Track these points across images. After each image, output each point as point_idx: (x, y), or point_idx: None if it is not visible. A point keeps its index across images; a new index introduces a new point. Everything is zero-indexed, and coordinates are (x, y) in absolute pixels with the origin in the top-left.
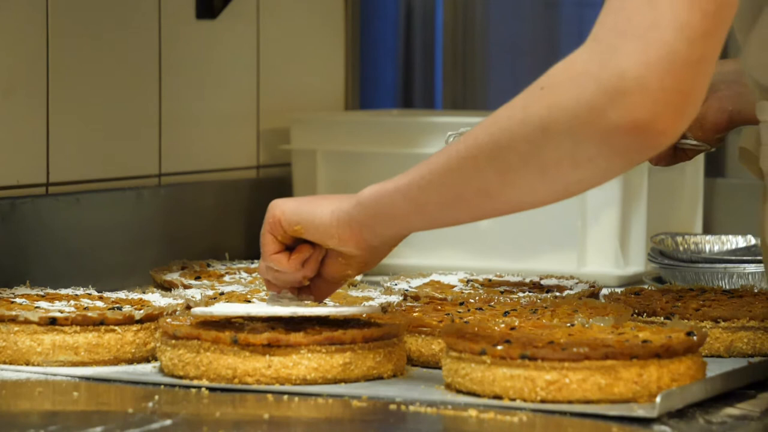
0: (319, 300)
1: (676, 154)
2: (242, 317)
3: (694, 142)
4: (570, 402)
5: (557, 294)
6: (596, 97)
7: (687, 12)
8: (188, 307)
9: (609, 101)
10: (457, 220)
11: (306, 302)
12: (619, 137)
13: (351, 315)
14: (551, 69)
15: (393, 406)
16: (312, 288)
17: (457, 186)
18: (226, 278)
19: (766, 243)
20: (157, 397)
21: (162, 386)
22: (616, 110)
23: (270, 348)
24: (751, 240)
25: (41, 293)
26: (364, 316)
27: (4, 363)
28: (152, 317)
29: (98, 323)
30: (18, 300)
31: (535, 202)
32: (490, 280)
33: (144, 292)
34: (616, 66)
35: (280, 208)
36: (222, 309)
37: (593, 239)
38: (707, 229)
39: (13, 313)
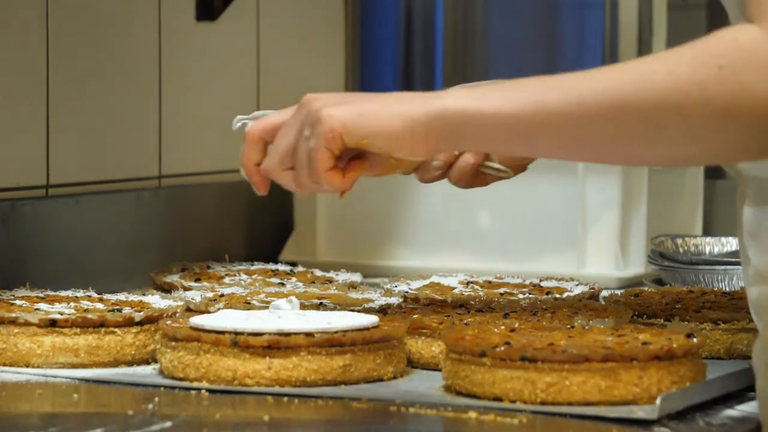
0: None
1: (476, 178)
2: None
3: (498, 167)
4: (570, 404)
5: (557, 296)
6: None
7: None
8: (188, 309)
9: None
10: (579, 159)
11: (303, 312)
12: None
13: (342, 330)
14: (721, 45)
15: (393, 408)
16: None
17: (586, 135)
18: (226, 280)
19: (742, 243)
20: (157, 399)
21: (162, 388)
22: None
23: (270, 350)
24: None
25: (41, 295)
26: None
27: (4, 365)
28: (152, 319)
29: (98, 325)
30: (18, 302)
31: (676, 163)
32: (489, 282)
33: (144, 294)
34: None
35: (339, 120)
36: (213, 322)
37: (593, 241)
38: (707, 231)
39: (13, 315)
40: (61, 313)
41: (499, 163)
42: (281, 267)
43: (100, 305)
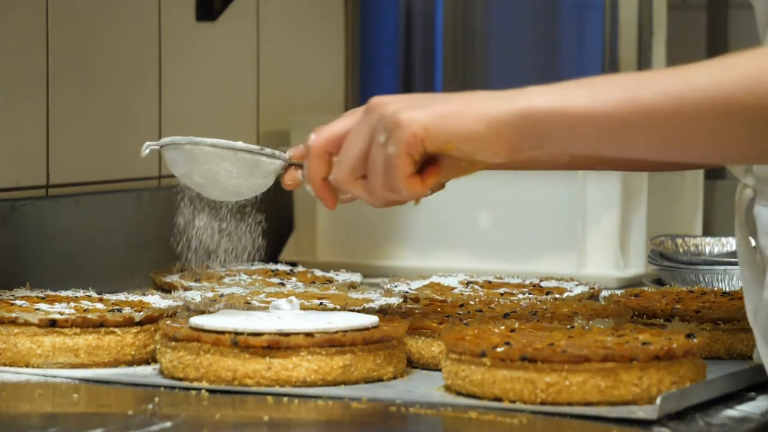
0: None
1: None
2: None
3: None
4: (570, 404)
5: (557, 296)
6: None
7: None
8: (188, 309)
9: None
10: (672, 158)
11: (303, 312)
12: None
13: (342, 330)
14: None
15: (393, 408)
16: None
17: (684, 133)
18: (226, 280)
19: (743, 243)
20: (157, 399)
21: (162, 388)
22: None
23: (270, 350)
24: (751, 242)
25: (41, 295)
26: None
27: (4, 365)
28: (152, 319)
29: (98, 325)
30: (18, 302)
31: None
32: (489, 282)
33: (144, 294)
34: None
35: (420, 124)
36: (213, 322)
37: (593, 241)
38: (707, 231)
39: (13, 315)
40: (61, 313)
41: None
42: (281, 267)
43: (100, 305)
